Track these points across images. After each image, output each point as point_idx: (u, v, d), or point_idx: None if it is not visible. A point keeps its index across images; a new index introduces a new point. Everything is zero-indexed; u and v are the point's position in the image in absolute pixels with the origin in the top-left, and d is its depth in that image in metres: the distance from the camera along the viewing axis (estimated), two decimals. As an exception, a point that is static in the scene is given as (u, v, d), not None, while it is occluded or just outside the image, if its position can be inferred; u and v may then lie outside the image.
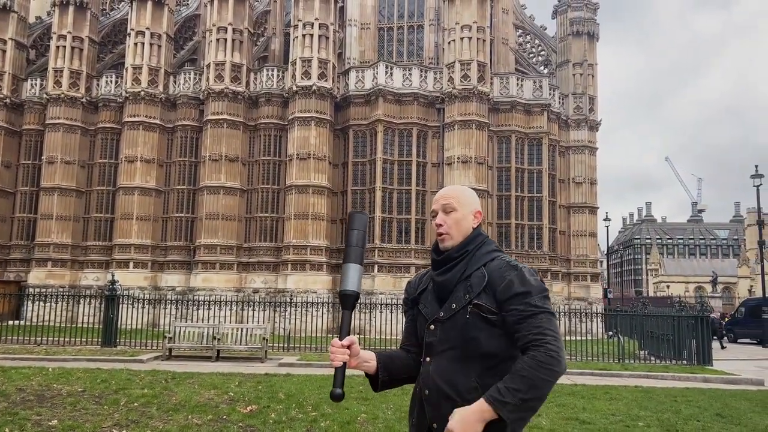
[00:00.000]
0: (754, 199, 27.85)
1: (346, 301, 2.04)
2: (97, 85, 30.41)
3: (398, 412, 8.30)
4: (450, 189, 2.20)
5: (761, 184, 27.56)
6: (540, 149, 28.02)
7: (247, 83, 28.32)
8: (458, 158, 26.27)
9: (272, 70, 28.77)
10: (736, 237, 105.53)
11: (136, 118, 28.38)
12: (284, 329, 20.82)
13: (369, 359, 2.12)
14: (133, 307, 17.56)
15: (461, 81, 26.59)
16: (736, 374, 14.39)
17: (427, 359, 2.09)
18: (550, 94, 29.10)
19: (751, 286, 73.22)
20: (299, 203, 26.49)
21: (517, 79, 28.66)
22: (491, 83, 27.74)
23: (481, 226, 2.20)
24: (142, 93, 28.34)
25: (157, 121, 28.71)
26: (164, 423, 7.18)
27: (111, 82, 30.15)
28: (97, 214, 29.45)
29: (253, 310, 22.67)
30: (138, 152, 28.22)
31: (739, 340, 28.67)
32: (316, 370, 13.15)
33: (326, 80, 26.97)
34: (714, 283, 63.46)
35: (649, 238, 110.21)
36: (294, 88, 26.85)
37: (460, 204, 2.12)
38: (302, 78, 26.80)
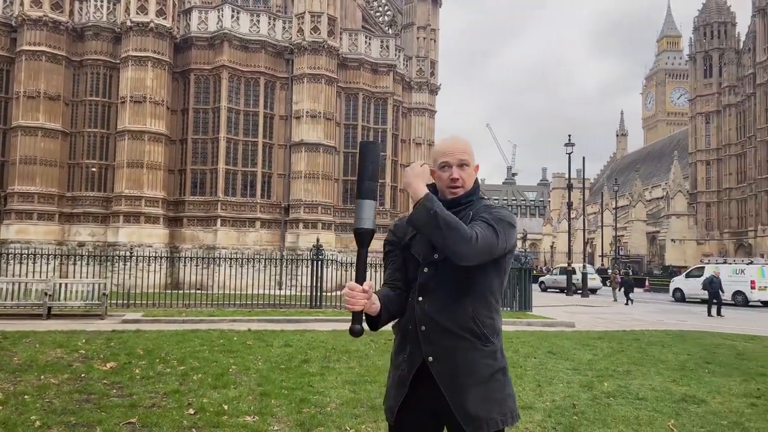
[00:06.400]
0: (559, 165, 31.56)
1: (364, 238, 2.05)
2: None
3: (268, 363, 8.34)
4: (462, 143, 2.32)
5: (572, 152, 31.13)
6: (385, 109, 28.74)
7: (71, 13, 25.22)
8: (307, 112, 26.00)
9: (101, 1, 25.87)
10: (542, 199, 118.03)
11: (-73, 41, 24.03)
12: (116, 285, 19.44)
13: (375, 301, 2.16)
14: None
15: (311, 33, 26.16)
16: (553, 318, 16.47)
17: (420, 299, 2.21)
18: (396, 55, 29.80)
19: (553, 242, 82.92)
20: (133, 150, 24.53)
21: (366, 37, 28.89)
22: (340, 39, 27.66)
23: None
24: (-65, 11, 23.99)
25: (-45, 47, 24.57)
26: (14, 385, 6.50)
27: None
28: None
29: (81, 264, 20.83)
30: (-71, 81, 24.01)
31: (548, 290, 35.86)
32: (164, 326, 12.58)
33: (165, 18, 24.94)
34: (524, 239, 70.69)
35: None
36: (128, 24, 24.47)
37: (472, 158, 2.30)
38: (138, 13, 24.49)
